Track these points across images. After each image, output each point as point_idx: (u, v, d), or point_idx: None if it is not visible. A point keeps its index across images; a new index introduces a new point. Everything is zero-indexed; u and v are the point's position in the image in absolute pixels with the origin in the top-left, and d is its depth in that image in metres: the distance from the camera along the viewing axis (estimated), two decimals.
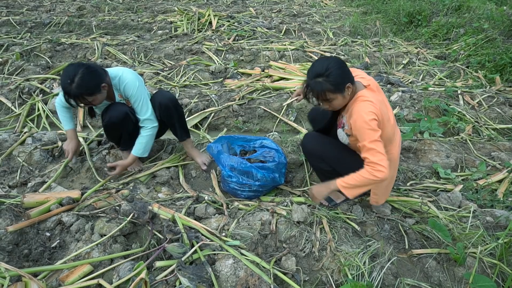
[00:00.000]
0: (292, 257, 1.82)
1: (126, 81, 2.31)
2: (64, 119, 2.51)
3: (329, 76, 1.76)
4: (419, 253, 1.92)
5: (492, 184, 2.55)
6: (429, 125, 3.18)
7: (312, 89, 1.83)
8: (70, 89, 2.08)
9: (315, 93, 1.82)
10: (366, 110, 1.77)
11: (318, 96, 1.82)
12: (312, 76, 1.81)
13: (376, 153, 1.75)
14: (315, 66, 1.83)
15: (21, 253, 1.84)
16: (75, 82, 2.06)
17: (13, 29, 5.98)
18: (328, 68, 1.77)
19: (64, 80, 2.08)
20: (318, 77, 1.79)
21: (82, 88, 2.08)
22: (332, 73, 1.76)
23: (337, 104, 1.86)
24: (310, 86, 1.83)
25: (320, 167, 2.17)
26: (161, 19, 6.75)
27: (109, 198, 2.20)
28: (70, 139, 2.53)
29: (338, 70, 1.78)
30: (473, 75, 4.53)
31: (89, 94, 2.12)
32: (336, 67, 1.78)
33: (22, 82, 3.88)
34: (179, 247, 1.75)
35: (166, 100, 2.44)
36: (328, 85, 1.77)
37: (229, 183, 2.34)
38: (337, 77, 1.77)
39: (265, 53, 5.06)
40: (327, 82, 1.77)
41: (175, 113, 2.49)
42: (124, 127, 2.44)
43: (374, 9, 7.61)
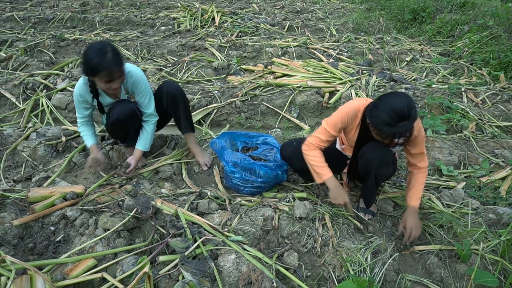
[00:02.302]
0: (294, 253, 1.83)
1: (135, 76, 2.32)
2: (86, 136, 2.47)
3: (411, 117, 1.66)
4: (421, 249, 1.93)
5: (495, 181, 2.55)
6: (432, 122, 3.18)
7: (401, 135, 1.69)
8: (105, 60, 2.03)
9: (405, 137, 1.74)
10: (419, 120, 1.89)
11: (407, 137, 1.78)
12: (396, 121, 1.65)
13: (426, 157, 2.01)
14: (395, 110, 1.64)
15: (26, 247, 1.85)
16: (109, 52, 2.04)
17: (17, 25, 5.99)
18: (410, 109, 1.65)
19: (95, 54, 2.03)
20: (404, 121, 1.66)
21: (117, 57, 2.08)
22: (414, 114, 1.67)
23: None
24: (398, 132, 1.67)
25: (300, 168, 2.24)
26: (164, 15, 6.75)
27: (113, 193, 2.21)
28: (93, 153, 2.45)
29: (415, 109, 1.69)
30: (477, 72, 4.51)
31: (120, 64, 2.12)
32: (414, 106, 1.68)
33: (26, 77, 3.90)
34: (182, 242, 1.76)
35: (174, 89, 2.48)
36: (413, 125, 1.72)
37: (232, 179, 2.35)
38: (416, 114, 1.69)
39: (268, 49, 5.05)
40: (411, 122, 1.68)
41: (182, 103, 2.53)
42: (132, 124, 2.46)
43: (378, 6, 7.57)
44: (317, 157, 2.00)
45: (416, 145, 1.94)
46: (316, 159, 2.00)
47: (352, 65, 4.57)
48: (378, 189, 2.35)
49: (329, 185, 1.99)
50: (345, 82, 4.01)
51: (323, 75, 4.17)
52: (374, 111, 1.72)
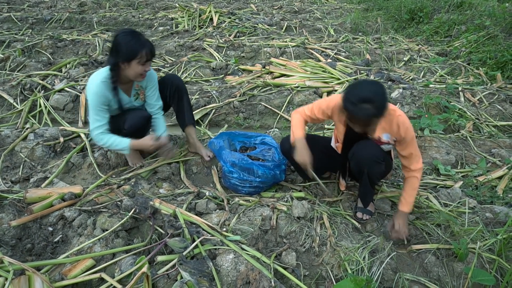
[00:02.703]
0: (292, 252, 1.84)
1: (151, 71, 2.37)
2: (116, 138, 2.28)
3: (376, 102, 1.67)
4: (419, 248, 1.94)
5: (492, 180, 2.56)
6: (429, 122, 3.19)
7: (357, 116, 1.70)
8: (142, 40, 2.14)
9: (360, 120, 1.74)
10: (408, 119, 1.91)
11: (364, 122, 1.76)
12: (357, 100, 1.67)
13: (420, 159, 1.99)
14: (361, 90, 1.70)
15: (24, 248, 1.85)
16: (141, 34, 2.15)
17: (15, 26, 5.98)
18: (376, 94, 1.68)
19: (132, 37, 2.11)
20: (365, 103, 1.66)
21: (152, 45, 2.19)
22: (379, 100, 1.68)
23: (372, 129, 1.90)
24: (355, 112, 1.69)
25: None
26: (162, 16, 6.75)
27: (111, 194, 2.21)
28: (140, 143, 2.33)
29: (383, 96, 1.70)
30: (474, 72, 4.53)
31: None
32: (382, 93, 1.70)
33: (24, 78, 3.89)
34: (180, 242, 1.76)
35: (178, 81, 2.58)
36: (375, 111, 1.68)
37: (230, 178, 2.35)
38: (383, 104, 1.69)
39: (266, 49, 5.06)
40: (375, 109, 1.67)
41: (185, 94, 2.61)
42: (145, 132, 2.54)
43: (376, 6, 7.59)
44: (298, 120, 2.13)
45: (405, 147, 1.94)
46: (297, 121, 2.13)
47: (350, 65, 4.59)
48: (376, 189, 2.35)
49: (296, 144, 2.06)
50: (343, 82, 4.02)
51: (321, 75, 4.18)
52: (347, 89, 1.80)
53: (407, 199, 1.98)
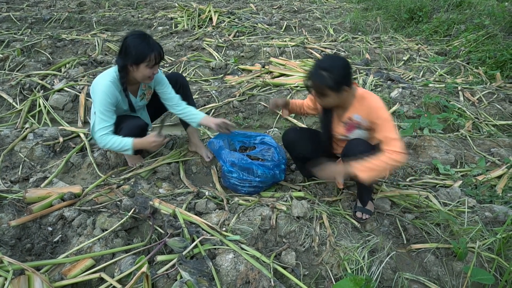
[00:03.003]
0: (292, 252, 1.84)
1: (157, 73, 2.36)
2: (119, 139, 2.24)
3: (333, 73, 1.82)
4: (418, 247, 1.94)
5: (491, 180, 2.57)
6: (429, 121, 3.19)
7: (314, 80, 1.88)
8: (152, 43, 2.13)
9: (315, 85, 1.89)
10: (381, 102, 1.91)
11: (317, 88, 1.89)
12: (319, 68, 1.86)
13: (399, 142, 1.84)
14: (324, 60, 1.89)
15: (23, 247, 1.85)
16: (150, 37, 2.16)
17: (14, 25, 5.97)
18: (334, 66, 1.84)
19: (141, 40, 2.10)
20: (323, 71, 1.84)
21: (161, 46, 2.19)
22: (336, 72, 1.83)
23: (329, 102, 1.95)
24: (313, 76, 1.88)
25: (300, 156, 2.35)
26: (161, 15, 6.74)
27: (110, 193, 2.21)
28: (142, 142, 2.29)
29: (342, 71, 1.85)
30: (474, 71, 4.53)
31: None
32: (341, 67, 1.85)
33: (23, 78, 3.89)
34: (180, 241, 1.76)
35: (182, 79, 2.60)
36: (329, 81, 1.83)
37: (230, 178, 2.35)
38: (339, 77, 1.83)
39: (266, 49, 5.06)
40: (329, 78, 1.82)
41: (190, 92, 2.63)
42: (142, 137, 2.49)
43: (375, 6, 7.59)
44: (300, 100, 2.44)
45: (379, 130, 1.89)
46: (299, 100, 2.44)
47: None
48: (374, 187, 2.36)
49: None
50: None
51: None
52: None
53: (365, 163, 1.84)
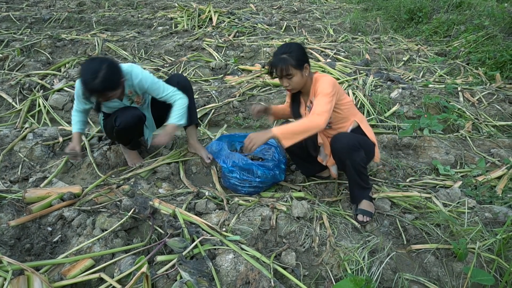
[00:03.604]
0: (292, 252, 1.84)
1: (140, 76, 2.31)
2: (74, 122, 2.48)
3: (292, 53, 2.04)
4: (418, 248, 1.94)
5: (491, 180, 2.56)
6: (429, 122, 3.20)
7: (277, 64, 2.05)
8: (93, 85, 2.04)
9: (279, 68, 2.04)
10: (328, 80, 2.08)
11: (282, 70, 2.04)
12: (278, 54, 2.06)
13: (323, 106, 1.98)
14: (280, 48, 2.10)
15: (23, 248, 1.85)
16: (99, 77, 2.02)
17: (13, 25, 5.97)
18: (291, 47, 2.06)
19: (87, 75, 2.04)
20: (283, 54, 2.04)
21: (106, 83, 2.06)
22: (294, 51, 2.05)
23: (296, 82, 2.09)
24: (275, 62, 2.06)
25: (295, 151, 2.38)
26: (161, 15, 6.74)
27: (110, 194, 2.21)
28: (73, 141, 2.46)
29: (299, 50, 2.07)
30: (473, 72, 4.53)
31: (111, 89, 2.11)
32: (297, 47, 2.08)
33: (23, 78, 3.88)
34: (180, 241, 1.76)
35: (184, 81, 2.56)
36: (291, 60, 2.02)
37: (230, 178, 2.35)
38: (298, 55, 2.05)
39: (266, 49, 5.05)
40: (291, 58, 2.02)
41: (192, 93, 2.60)
42: (138, 131, 2.49)
43: (375, 6, 7.60)
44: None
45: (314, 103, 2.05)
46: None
47: (349, 65, 4.59)
48: (372, 185, 2.34)
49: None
50: (343, 82, 4.02)
51: None
52: None
53: (285, 126, 1.98)
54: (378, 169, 2.65)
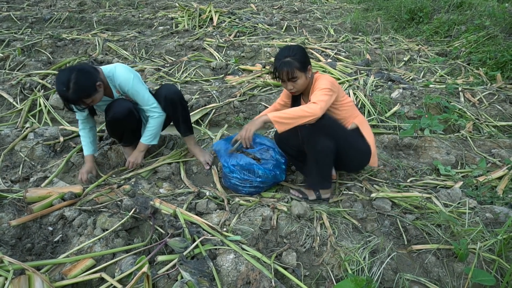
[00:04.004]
0: (292, 252, 1.84)
1: (121, 78, 2.31)
2: (84, 143, 2.51)
3: (296, 55, 2.06)
4: (419, 248, 1.94)
5: (492, 181, 2.56)
6: (429, 122, 3.19)
7: (282, 69, 2.06)
8: (67, 96, 2.06)
9: (285, 72, 2.06)
10: (327, 78, 2.12)
11: (288, 74, 2.06)
12: (281, 57, 2.08)
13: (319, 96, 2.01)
14: (282, 51, 2.12)
15: (24, 247, 1.85)
16: (71, 87, 2.04)
17: (14, 25, 5.97)
18: (293, 50, 2.08)
19: (59, 87, 2.06)
20: (286, 58, 2.06)
21: (79, 92, 2.07)
22: (297, 53, 2.07)
23: (300, 84, 2.12)
24: (280, 66, 2.07)
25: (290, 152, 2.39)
26: (162, 15, 6.74)
27: (111, 193, 2.21)
28: (86, 162, 2.51)
29: (301, 52, 2.10)
30: (474, 72, 4.53)
31: (86, 96, 2.12)
32: (299, 49, 2.10)
33: (24, 77, 3.89)
34: (180, 241, 1.76)
35: (172, 94, 2.46)
36: (296, 63, 2.05)
37: (231, 178, 2.35)
38: (302, 57, 2.08)
39: (266, 49, 5.05)
40: (295, 61, 2.05)
41: (180, 107, 2.50)
42: (128, 123, 2.45)
43: (375, 6, 7.59)
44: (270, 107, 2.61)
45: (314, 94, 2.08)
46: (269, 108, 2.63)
47: (350, 65, 4.59)
48: (373, 187, 2.35)
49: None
50: (343, 82, 4.02)
51: None
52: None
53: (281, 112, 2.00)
54: (379, 169, 2.65)
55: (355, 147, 2.19)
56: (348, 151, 2.18)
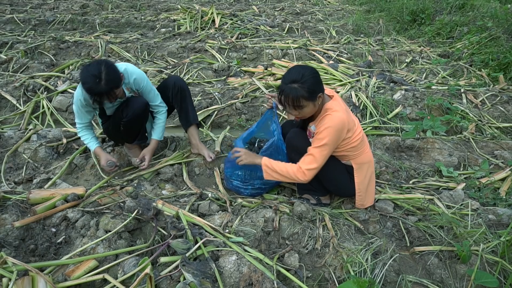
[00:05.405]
0: (295, 254, 1.84)
1: (135, 74, 2.35)
2: (88, 140, 2.48)
3: (305, 83, 1.83)
4: (421, 250, 1.93)
5: (494, 182, 2.56)
6: (432, 124, 3.19)
7: (287, 94, 1.87)
8: (100, 87, 2.08)
9: (290, 99, 1.86)
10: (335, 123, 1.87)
11: (293, 101, 1.87)
12: (288, 81, 1.86)
13: (312, 161, 1.92)
14: (291, 73, 1.88)
15: (27, 248, 1.86)
16: (103, 79, 2.07)
17: (17, 27, 6.00)
18: (303, 76, 1.84)
19: (90, 80, 2.07)
20: (294, 83, 1.84)
21: (111, 83, 2.11)
22: (307, 80, 1.83)
23: (307, 112, 1.94)
24: (285, 91, 1.87)
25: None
26: (164, 17, 6.77)
27: (114, 195, 2.22)
28: (100, 156, 2.47)
29: (313, 79, 1.85)
30: (477, 73, 4.52)
31: (116, 86, 2.16)
32: (311, 75, 1.85)
33: (27, 79, 3.90)
34: (183, 243, 1.76)
35: (181, 81, 2.60)
36: (303, 91, 1.83)
37: (232, 181, 2.35)
38: (311, 85, 1.84)
39: (268, 51, 5.06)
40: (302, 89, 1.83)
41: (188, 94, 2.64)
42: (146, 118, 2.55)
43: (377, 8, 7.59)
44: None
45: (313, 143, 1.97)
46: None
47: (352, 67, 4.59)
48: (376, 188, 2.35)
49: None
50: (345, 84, 4.02)
51: (323, 76, 4.18)
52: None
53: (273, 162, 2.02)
54: (381, 171, 2.65)
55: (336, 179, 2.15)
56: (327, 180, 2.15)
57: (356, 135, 1.99)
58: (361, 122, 3.39)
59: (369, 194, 2.17)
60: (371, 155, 2.14)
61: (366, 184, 2.13)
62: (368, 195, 2.17)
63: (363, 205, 2.20)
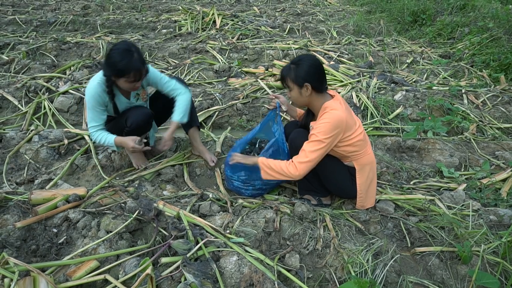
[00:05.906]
0: (295, 254, 1.84)
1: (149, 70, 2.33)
2: (106, 135, 2.31)
3: (298, 67, 1.95)
4: (422, 251, 1.93)
5: (496, 183, 2.55)
6: (433, 124, 3.19)
7: (281, 72, 2.03)
8: (134, 62, 2.09)
9: (282, 76, 2.03)
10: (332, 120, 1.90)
11: (282, 78, 2.03)
12: (291, 62, 2.01)
13: (304, 155, 1.95)
14: (297, 57, 2.02)
15: (29, 249, 1.86)
16: (135, 54, 2.11)
17: (19, 28, 6.02)
18: (301, 61, 1.96)
19: (124, 57, 2.07)
20: (292, 64, 1.99)
21: (142, 57, 2.15)
22: (301, 66, 1.95)
23: (293, 97, 2.04)
24: (282, 69, 2.04)
25: None
26: (165, 18, 6.78)
27: (115, 196, 2.22)
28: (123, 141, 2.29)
29: (308, 68, 1.95)
30: (478, 74, 4.52)
31: (145, 64, 2.19)
32: (308, 64, 1.95)
33: (28, 80, 3.91)
34: (184, 243, 1.76)
35: (183, 81, 2.56)
36: (292, 73, 1.96)
37: (233, 181, 2.35)
38: (302, 72, 1.94)
39: (269, 52, 5.07)
40: (293, 71, 1.96)
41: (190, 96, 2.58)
42: (149, 128, 2.52)
43: (378, 8, 7.59)
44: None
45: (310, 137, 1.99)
46: None
47: (353, 67, 4.59)
48: (376, 189, 2.35)
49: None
50: (346, 84, 4.02)
51: None
52: None
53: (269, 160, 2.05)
54: (382, 172, 2.65)
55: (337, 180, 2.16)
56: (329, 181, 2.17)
57: (357, 134, 1.99)
58: (362, 123, 3.39)
59: (370, 195, 2.17)
60: (373, 156, 2.14)
61: (368, 185, 2.13)
62: (369, 197, 2.17)
63: (363, 206, 2.20)
